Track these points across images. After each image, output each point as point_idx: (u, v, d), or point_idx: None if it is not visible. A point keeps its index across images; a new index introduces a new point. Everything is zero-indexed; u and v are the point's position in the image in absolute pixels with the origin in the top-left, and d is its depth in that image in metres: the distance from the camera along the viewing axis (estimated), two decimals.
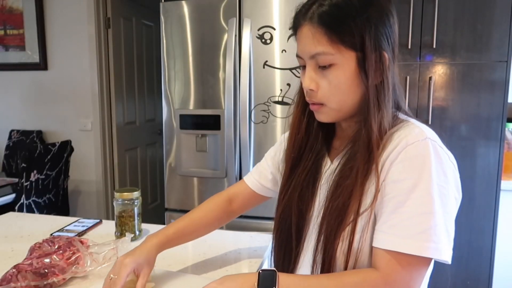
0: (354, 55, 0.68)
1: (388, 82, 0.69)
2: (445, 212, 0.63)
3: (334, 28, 0.66)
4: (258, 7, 1.95)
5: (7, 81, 3.06)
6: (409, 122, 0.70)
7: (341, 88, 0.70)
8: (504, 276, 2.01)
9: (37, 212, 2.35)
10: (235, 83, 2.00)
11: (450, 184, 0.66)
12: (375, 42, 0.67)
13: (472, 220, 1.96)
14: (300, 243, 0.80)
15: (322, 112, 0.74)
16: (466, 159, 1.93)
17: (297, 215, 0.80)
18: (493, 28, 1.85)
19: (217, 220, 0.95)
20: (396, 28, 0.72)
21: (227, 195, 0.96)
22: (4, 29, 2.99)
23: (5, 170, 2.99)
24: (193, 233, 0.93)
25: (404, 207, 0.63)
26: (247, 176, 0.97)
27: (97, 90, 2.87)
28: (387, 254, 0.63)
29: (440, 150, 0.66)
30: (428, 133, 0.66)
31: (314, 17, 0.68)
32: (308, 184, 0.80)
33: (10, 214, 1.42)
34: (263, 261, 1.02)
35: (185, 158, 2.16)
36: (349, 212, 0.68)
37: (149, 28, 3.47)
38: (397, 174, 0.65)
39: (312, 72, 0.71)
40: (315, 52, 0.68)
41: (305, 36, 0.70)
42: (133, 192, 1.12)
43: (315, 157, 0.82)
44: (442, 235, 0.62)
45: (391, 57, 0.70)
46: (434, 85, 1.94)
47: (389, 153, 0.67)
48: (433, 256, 0.62)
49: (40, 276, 0.82)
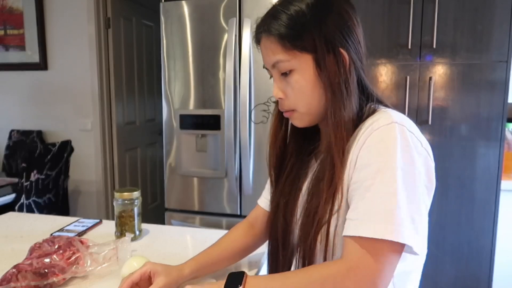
0: (310, 57, 0.69)
1: (348, 80, 0.69)
2: (410, 198, 0.61)
3: (285, 36, 0.69)
4: (258, 7, 1.95)
5: (7, 81, 3.06)
6: (382, 110, 0.70)
7: (304, 91, 0.71)
8: (504, 276, 2.01)
9: (37, 212, 2.35)
10: (235, 83, 2.00)
11: (418, 170, 0.64)
12: (326, 41, 0.68)
13: (472, 220, 1.96)
14: (286, 248, 0.81)
15: (294, 117, 0.76)
16: (466, 159, 1.93)
17: (282, 222, 0.81)
18: (493, 28, 1.85)
19: (245, 247, 0.92)
20: (357, 25, 0.72)
21: (247, 221, 0.95)
22: (4, 29, 2.99)
23: (5, 170, 2.99)
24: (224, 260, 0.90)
25: (369, 192, 0.62)
26: (259, 199, 0.96)
27: (97, 90, 2.87)
28: (351, 241, 0.62)
29: (408, 135, 0.64)
30: (396, 118, 0.65)
31: (269, 29, 0.71)
32: (291, 189, 0.81)
33: (10, 214, 1.42)
34: (262, 263, 1.02)
35: (185, 158, 2.16)
36: (321, 213, 0.69)
37: (149, 28, 3.47)
38: (363, 160, 0.65)
39: (278, 81, 0.74)
40: (273, 61, 0.72)
41: (263, 47, 0.74)
42: (133, 192, 1.12)
43: (299, 162, 0.83)
44: (404, 219, 0.60)
45: (354, 55, 0.71)
46: (434, 85, 1.94)
47: (357, 141, 0.67)
48: (394, 239, 0.59)
49: (40, 276, 0.82)
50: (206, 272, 0.87)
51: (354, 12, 0.72)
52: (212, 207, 2.16)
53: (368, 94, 0.74)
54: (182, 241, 1.14)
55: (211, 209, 2.16)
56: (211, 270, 0.88)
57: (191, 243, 1.14)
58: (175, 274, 0.79)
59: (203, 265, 0.85)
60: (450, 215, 1.95)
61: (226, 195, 2.12)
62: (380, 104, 0.74)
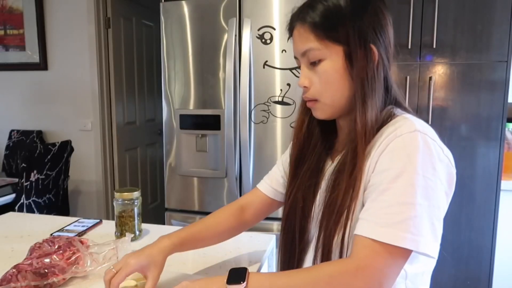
0: (341, 49, 0.70)
1: (375, 76, 0.70)
2: (430, 205, 0.62)
3: (320, 25, 0.70)
4: (258, 7, 1.95)
5: (7, 81, 3.06)
6: (404, 116, 0.70)
7: (331, 82, 0.72)
8: (504, 275, 2.01)
9: (37, 212, 2.35)
10: (235, 83, 2.00)
11: (439, 178, 0.65)
12: (360, 36, 0.69)
13: (472, 220, 1.96)
14: (303, 242, 0.81)
15: (317, 108, 0.77)
16: (466, 159, 1.93)
17: (300, 215, 0.81)
18: (493, 28, 1.85)
19: (230, 228, 0.92)
20: (389, 25, 0.73)
21: (239, 204, 0.94)
22: (4, 29, 2.99)
23: (5, 170, 2.99)
24: (205, 239, 0.90)
25: (385, 195, 0.63)
26: (259, 183, 0.96)
27: (97, 90, 2.87)
28: (363, 240, 0.62)
29: (431, 143, 0.65)
30: (418, 126, 0.66)
31: (304, 18, 0.72)
32: (310, 184, 0.81)
33: (10, 214, 1.42)
34: (263, 262, 1.02)
35: (185, 158, 2.16)
36: (341, 206, 0.69)
37: (149, 28, 3.47)
38: (383, 165, 0.65)
39: (306, 70, 0.75)
40: (305, 49, 0.73)
41: (296, 35, 0.75)
42: (133, 192, 1.12)
43: (317, 157, 0.83)
44: (423, 228, 0.61)
45: (384, 53, 0.72)
46: (434, 85, 1.94)
47: (378, 145, 0.67)
48: (409, 247, 0.60)
49: (40, 276, 0.82)
50: (186, 249, 0.87)
51: (388, 13, 0.73)
52: (212, 207, 2.16)
53: (391, 94, 0.75)
54: None
55: (211, 209, 2.16)
56: (191, 248, 0.88)
57: None
58: (160, 258, 0.78)
59: (184, 243, 0.84)
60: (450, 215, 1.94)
61: (226, 195, 2.12)
62: (399, 107, 0.75)
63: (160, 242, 0.81)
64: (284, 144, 1.98)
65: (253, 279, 0.65)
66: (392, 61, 0.75)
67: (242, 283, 0.64)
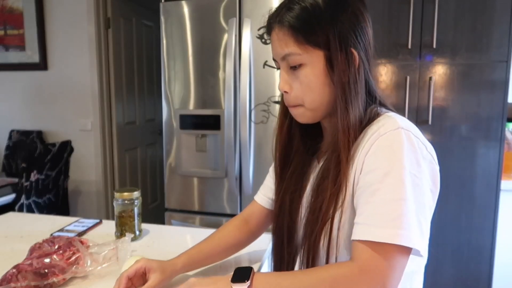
0: (321, 54, 0.69)
1: (357, 80, 0.70)
2: (417, 202, 0.62)
3: (299, 29, 0.69)
4: (258, 7, 1.95)
5: (7, 81, 3.06)
6: (386, 114, 0.70)
7: (312, 87, 0.71)
8: (504, 275, 2.01)
9: (37, 212, 2.35)
10: (235, 83, 2.00)
11: (424, 174, 0.65)
12: (340, 40, 0.68)
13: (472, 220, 1.96)
14: (291, 245, 0.81)
15: (298, 113, 0.76)
16: (466, 159, 1.93)
17: (288, 219, 0.81)
18: (493, 28, 1.85)
19: (238, 241, 0.93)
20: (369, 26, 0.72)
21: (242, 217, 0.95)
22: (4, 29, 2.99)
23: (5, 170, 2.99)
24: (215, 256, 0.91)
25: (376, 196, 0.63)
26: (256, 195, 0.96)
27: (97, 90, 2.87)
28: (361, 244, 0.62)
29: (414, 139, 0.65)
30: (401, 123, 0.65)
31: (282, 20, 0.70)
32: (296, 188, 0.81)
33: (10, 214, 1.42)
34: (263, 262, 1.02)
35: (185, 158, 2.16)
36: (325, 212, 0.69)
37: (149, 28, 3.47)
38: (370, 165, 0.65)
39: (285, 75, 0.74)
40: (284, 54, 0.71)
41: (275, 39, 0.73)
42: (133, 192, 1.12)
43: (302, 160, 0.83)
44: (412, 223, 0.61)
45: (364, 56, 0.71)
46: (434, 85, 1.94)
47: (362, 146, 0.67)
48: (404, 244, 0.60)
49: (40, 276, 0.82)
50: (198, 266, 0.89)
51: (367, 13, 0.72)
52: (212, 207, 2.16)
53: (373, 95, 0.75)
54: (182, 241, 1.14)
55: (211, 209, 2.16)
56: (203, 264, 0.90)
57: (191, 243, 1.14)
58: (169, 269, 0.81)
59: (195, 260, 0.86)
60: (450, 215, 1.95)
61: (226, 195, 2.12)
62: (383, 107, 0.74)
63: (172, 260, 0.84)
64: None
65: (258, 279, 0.65)
66: (372, 62, 0.74)
67: (246, 281, 0.64)
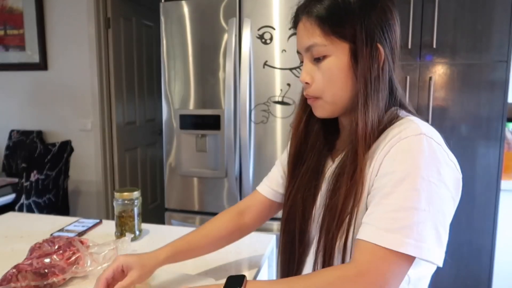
0: (347, 47, 0.68)
1: (380, 77, 0.69)
2: (435, 211, 0.61)
3: (326, 19, 0.68)
4: (258, 7, 1.95)
5: (7, 81, 3.06)
6: (408, 118, 0.69)
7: (334, 80, 0.70)
8: (504, 276, 2.01)
9: (37, 212, 2.35)
10: (235, 83, 2.00)
11: (445, 183, 0.63)
12: (367, 34, 0.67)
13: (472, 220, 1.96)
14: (303, 244, 0.80)
15: (317, 106, 0.74)
16: (466, 159, 1.93)
17: (300, 217, 0.80)
18: (493, 28, 1.85)
19: (228, 234, 0.90)
20: (397, 25, 0.72)
21: (238, 209, 0.92)
22: (4, 29, 2.99)
23: (5, 170, 2.99)
24: (202, 248, 0.88)
25: (388, 199, 0.61)
26: (258, 186, 0.94)
27: (97, 90, 2.87)
28: (364, 244, 0.61)
29: (436, 147, 0.63)
30: (424, 129, 0.64)
31: (310, 11, 0.70)
32: (310, 185, 0.80)
33: (10, 214, 1.42)
34: (263, 262, 1.02)
35: (185, 158, 2.16)
36: (343, 211, 0.68)
37: (149, 28, 3.47)
38: (387, 168, 0.64)
39: (308, 66, 0.72)
40: (309, 44, 0.70)
41: (301, 29, 0.72)
42: (133, 192, 1.12)
43: (317, 157, 0.81)
44: (426, 234, 0.59)
45: (389, 53, 0.70)
46: (434, 85, 1.94)
47: (382, 148, 0.66)
48: (411, 253, 0.58)
49: (40, 276, 0.82)
50: (183, 258, 0.86)
51: (396, 11, 0.72)
52: (212, 207, 2.16)
53: (395, 95, 0.73)
54: None
55: (211, 209, 2.16)
56: (189, 256, 0.87)
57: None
58: (149, 263, 0.78)
59: (180, 251, 0.83)
60: None
61: (226, 195, 2.12)
62: (404, 109, 0.73)
63: (155, 251, 0.82)
64: (284, 144, 1.97)
65: (251, 287, 0.64)
66: (397, 62, 0.73)
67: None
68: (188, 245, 0.85)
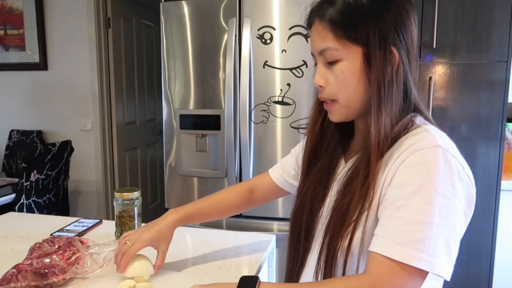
0: (360, 50, 0.67)
1: (393, 81, 0.67)
2: (447, 226, 0.60)
3: (339, 23, 0.67)
4: (258, 7, 1.95)
5: (7, 81, 3.06)
6: (425, 128, 0.68)
7: (347, 84, 0.69)
8: (504, 276, 2.01)
9: (37, 212, 2.35)
10: (235, 83, 2.00)
11: (459, 197, 0.62)
12: (380, 37, 0.66)
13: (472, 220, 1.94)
14: (308, 242, 0.80)
15: (333, 110, 0.74)
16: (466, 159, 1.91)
17: (308, 215, 0.80)
18: (493, 28, 1.85)
19: (236, 206, 0.98)
20: (413, 25, 0.70)
21: (249, 184, 1.00)
22: (4, 29, 2.99)
23: (5, 170, 2.99)
24: (211, 214, 0.97)
25: (401, 212, 0.61)
26: (271, 169, 0.99)
27: (97, 90, 2.87)
28: (378, 257, 0.60)
29: (452, 160, 0.62)
30: (440, 141, 0.63)
31: (323, 14, 0.69)
32: (321, 184, 0.80)
33: (10, 214, 1.42)
34: (263, 262, 1.02)
35: (185, 158, 2.16)
36: (351, 214, 0.67)
37: (149, 28, 3.47)
38: (400, 179, 0.63)
39: (322, 69, 0.72)
40: (322, 48, 0.70)
41: (314, 32, 0.72)
42: (133, 192, 1.12)
43: (330, 158, 0.81)
44: (438, 248, 0.59)
45: (405, 56, 0.69)
46: (434, 85, 1.94)
47: (396, 158, 0.65)
48: (424, 268, 0.58)
49: (40, 276, 0.82)
50: (192, 222, 0.95)
51: (413, 11, 0.70)
52: None
53: (411, 100, 0.72)
54: (182, 241, 1.14)
55: None
56: (197, 221, 0.96)
57: (191, 243, 1.14)
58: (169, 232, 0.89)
59: (190, 216, 0.93)
60: None
61: None
62: (420, 116, 0.73)
63: (168, 216, 0.90)
64: (284, 144, 1.98)
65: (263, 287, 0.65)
66: (414, 64, 0.72)
67: None
68: (200, 211, 0.94)
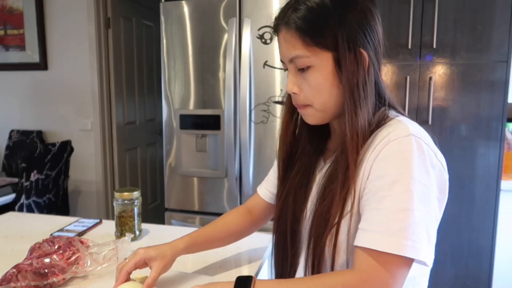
0: (330, 55, 0.67)
1: (366, 81, 0.68)
2: (426, 212, 0.61)
3: (307, 31, 0.67)
4: (258, 7, 1.95)
5: (7, 81, 3.06)
6: (397, 119, 0.69)
7: (321, 89, 0.70)
8: (504, 276, 2.01)
9: (37, 212, 2.35)
10: (235, 83, 2.00)
11: (432, 184, 0.63)
12: (349, 41, 0.66)
13: (472, 220, 1.96)
14: (295, 246, 0.81)
15: (308, 114, 0.74)
16: (466, 159, 1.93)
17: (292, 218, 0.81)
18: (493, 28, 1.85)
19: (240, 229, 0.95)
20: (378, 24, 0.70)
21: (245, 207, 0.97)
22: (4, 29, 2.99)
23: (5, 170, 2.99)
24: (217, 241, 0.93)
25: (383, 203, 0.61)
26: (259, 187, 0.97)
27: (97, 90, 2.87)
28: (364, 251, 0.61)
29: (424, 147, 0.63)
30: (413, 130, 0.64)
31: (289, 22, 0.69)
32: (301, 187, 0.80)
33: (10, 214, 1.42)
34: (263, 262, 1.02)
35: (185, 158, 2.16)
36: (333, 214, 0.68)
37: (149, 28, 3.47)
38: (378, 171, 0.64)
39: (293, 76, 0.72)
40: (292, 56, 0.70)
41: (282, 40, 0.71)
42: (133, 192, 1.12)
43: (308, 159, 0.81)
44: (420, 234, 0.59)
45: (374, 56, 0.69)
46: (434, 85, 1.94)
47: (372, 150, 0.66)
48: (411, 255, 0.58)
49: (40, 276, 0.82)
50: (199, 249, 0.90)
51: (377, 11, 0.70)
52: (212, 207, 2.16)
53: (382, 97, 0.73)
54: None
55: (211, 209, 2.16)
56: (204, 248, 0.92)
57: None
58: (169, 253, 0.82)
59: (197, 243, 0.88)
60: (450, 215, 1.94)
61: (226, 195, 2.12)
62: (393, 110, 0.73)
63: (173, 241, 0.85)
64: None
65: (258, 286, 0.66)
66: (382, 62, 0.72)
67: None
68: (205, 237, 0.90)
